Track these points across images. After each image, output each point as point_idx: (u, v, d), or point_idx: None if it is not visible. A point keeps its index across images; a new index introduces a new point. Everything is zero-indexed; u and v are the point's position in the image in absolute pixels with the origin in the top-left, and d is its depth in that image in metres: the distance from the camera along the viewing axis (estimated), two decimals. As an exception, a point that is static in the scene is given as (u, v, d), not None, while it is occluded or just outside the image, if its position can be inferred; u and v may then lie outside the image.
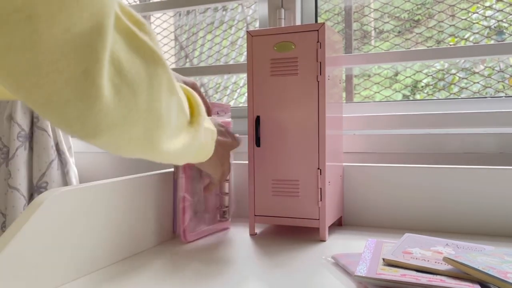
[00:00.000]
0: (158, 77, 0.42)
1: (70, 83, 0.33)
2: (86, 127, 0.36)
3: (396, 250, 0.61)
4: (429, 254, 0.59)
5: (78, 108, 0.34)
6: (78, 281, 0.58)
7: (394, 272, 0.53)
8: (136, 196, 0.70)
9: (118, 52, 0.36)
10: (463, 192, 0.81)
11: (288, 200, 0.78)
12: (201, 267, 0.63)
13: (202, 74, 1.28)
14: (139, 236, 0.71)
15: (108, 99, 0.36)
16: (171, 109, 0.47)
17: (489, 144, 0.89)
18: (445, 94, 1.07)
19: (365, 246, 0.65)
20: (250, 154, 0.80)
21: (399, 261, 0.56)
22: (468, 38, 1.07)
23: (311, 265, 0.63)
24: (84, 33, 0.32)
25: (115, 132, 0.39)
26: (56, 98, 0.33)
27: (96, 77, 0.34)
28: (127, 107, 0.39)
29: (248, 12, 1.41)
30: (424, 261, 0.56)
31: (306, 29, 0.75)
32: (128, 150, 0.44)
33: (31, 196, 1.12)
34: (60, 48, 0.31)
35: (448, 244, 0.65)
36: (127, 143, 0.42)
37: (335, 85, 0.81)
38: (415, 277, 0.51)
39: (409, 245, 0.64)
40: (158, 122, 0.44)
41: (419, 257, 0.58)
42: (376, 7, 1.14)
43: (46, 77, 0.31)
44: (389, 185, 0.86)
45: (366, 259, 0.59)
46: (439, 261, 0.56)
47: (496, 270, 0.51)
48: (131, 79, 0.38)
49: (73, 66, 0.32)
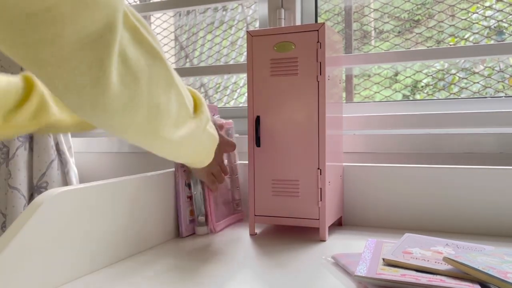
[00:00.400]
0: (157, 70, 0.47)
1: (87, 72, 0.38)
2: (96, 110, 0.41)
3: (396, 250, 0.61)
4: (429, 254, 0.59)
5: (91, 94, 0.39)
6: (78, 281, 0.58)
7: (394, 272, 0.53)
8: (136, 196, 0.70)
9: (124, 46, 0.41)
10: (463, 192, 0.81)
11: (288, 200, 0.78)
12: (201, 267, 0.63)
13: (202, 74, 1.28)
14: (140, 236, 0.71)
15: (115, 86, 0.41)
16: (170, 100, 0.50)
17: (489, 144, 0.89)
18: (445, 94, 1.07)
19: (365, 246, 0.65)
20: (250, 154, 0.80)
21: (399, 261, 0.56)
22: (468, 38, 1.07)
23: (311, 265, 0.63)
24: (99, 29, 0.37)
25: (120, 116, 0.44)
26: (73, 85, 0.38)
27: (108, 66, 0.39)
28: (130, 94, 0.43)
29: (248, 12, 1.41)
30: (424, 261, 0.56)
31: (306, 29, 0.75)
32: (132, 135, 0.49)
33: (31, 196, 1.12)
34: (79, 42, 0.36)
35: (448, 244, 0.65)
36: (130, 128, 0.47)
37: (335, 85, 0.81)
38: (415, 277, 0.51)
39: (409, 245, 0.64)
40: (157, 110, 0.48)
41: (419, 257, 0.58)
42: (376, 7, 1.14)
43: (66, 67, 0.37)
44: (389, 185, 0.86)
45: (366, 259, 0.59)
46: (439, 261, 0.56)
47: (496, 270, 0.51)
48: (135, 70, 0.43)
49: (89, 57, 0.37)
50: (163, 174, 0.78)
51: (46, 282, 0.54)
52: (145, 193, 0.73)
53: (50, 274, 0.54)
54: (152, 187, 0.75)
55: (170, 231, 0.80)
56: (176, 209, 0.82)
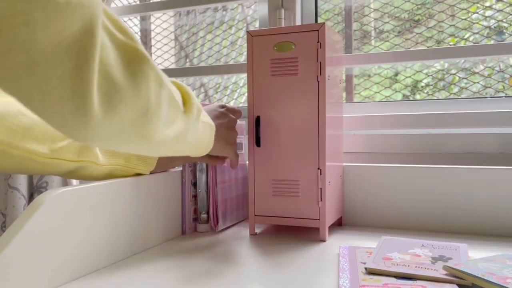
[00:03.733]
0: (145, 74, 0.44)
1: (64, 80, 0.35)
2: (79, 122, 0.38)
3: (376, 257, 0.62)
4: (408, 258, 0.61)
5: (71, 104, 0.36)
6: (79, 280, 0.58)
7: (376, 282, 0.54)
8: (136, 196, 0.70)
9: (105, 50, 0.38)
10: (463, 192, 0.81)
11: (288, 200, 0.78)
12: (201, 267, 0.63)
13: (202, 74, 1.28)
14: (140, 236, 0.71)
15: (97, 94, 0.38)
16: (162, 101, 0.48)
17: (489, 144, 0.89)
18: (445, 94, 1.07)
19: (339, 254, 0.66)
20: (250, 154, 0.80)
21: (380, 269, 0.57)
22: (468, 38, 1.07)
23: (311, 265, 0.63)
24: (75, 33, 0.34)
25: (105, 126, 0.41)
26: (51, 96, 0.35)
27: (86, 73, 0.36)
28: (115, 102, 0.40)
29: (248, 12, 1.41)
30: (405, 266, 0.58)
31: (306, 29, 0.75)
32: (120, 143, 0.46)
33: (31, 196, 1.12)
34: (54, 47, 0.33)
35: (424, 245, 0.67)
36: (118, 137, 0.44)
37: (335, 85, 0.81)
38: (397, 286, 0.52)
39: (387, 250, 0.65)
40: (147, 114, 0.45)
41: (399, 262, 0.59)
42: (376, 7, 1.14)
43: (42, 75, 0.33)
44: (389, 185, 0.86)
45: (345, 270, 0.59)
46: (419, 265, 0.58)
47: (496, 276, 0.51)
48: (118, 76, 0.40)
49: (66, 63, 0.34)
50: (167, 174, 0.78)
51: (46, 282, 0.54)
52: (145, 193, 0.72)
53: (50, 274, 0.54)
54: (155, 187, 0.75)
55: (174, 230, 0.80)
56: (182, 208, 0.83)
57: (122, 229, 0.67)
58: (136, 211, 0.70)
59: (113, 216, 0.65)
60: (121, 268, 0.63)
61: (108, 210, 0.64)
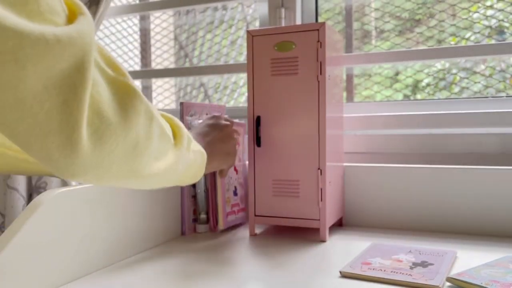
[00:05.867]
0: (135, 109, 0.43)
1: (51, 114, 0.34)
2: (65, 157, 0.37)
3: (355, 261, 0.62)
4: (388, 264, 0.61)
5: (58, 139, 0.35)
6: (78, 281, 0.58)
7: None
8: (135, 197, 0.70)
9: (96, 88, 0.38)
10: (464, 192, 0.81)
11: (289, 200, 0.77)
12: (201, 267, 0.63)
13: (202, 73, 1.27)
14: (139, 237, 0.71)
15: (87, 131, 0.37)
16: (153, 135, 0.48)
17: (491, 144, 0.89)
18: (446, 94, 1.07)
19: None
20: (250, 154, 0.79)
21: (355, 273, 0.57)
22: (469, 37, 1.07)
23: (311, 266, 0.63)
24: (65, 70, 0.34)
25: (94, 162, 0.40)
26: (37, 130, 0.34)
27: (75, 108, 0.35)
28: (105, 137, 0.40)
29: (248, 12, 1.41)
30: (381, 271, 0.58)
31: (306, 28, 0.75)
32: (110, 179, 0.45)
33: (30, 197, 1.12)
34: (42, 83, 0.33)
35: (411, 251, 0.67)
36: (107, 172, 0.43)
37: (336, 84, 0.81)
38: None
39: (370, 255, 0.65)
40: (136, 151, 0.45)
41: (377, 267, 0.59)
42: (377, 7, 1.14)
43: (29, 110, 0.33)
44: (390, 185, 0.86)
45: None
46: (396, 270, 0.58)
47: (500, 284, 0.51)
48: (109, 113, 0.40)
49: (54, 98, 0.34)
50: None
51: (46, 282, 0.53)
52: (144, 193, 0.72)
53: (50, 274, 0.54)
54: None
55: (174, 230, 0.80)
56: (181, 209, 0.82)
57: (121, 229, 0.67)
58: (135, 212, 0.70)
59: (112, 216, 0.65)
60: (120, 268, 0.63)
61: (107, 211, 0.64)
